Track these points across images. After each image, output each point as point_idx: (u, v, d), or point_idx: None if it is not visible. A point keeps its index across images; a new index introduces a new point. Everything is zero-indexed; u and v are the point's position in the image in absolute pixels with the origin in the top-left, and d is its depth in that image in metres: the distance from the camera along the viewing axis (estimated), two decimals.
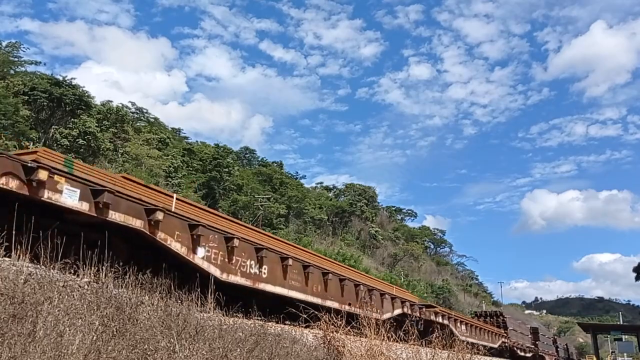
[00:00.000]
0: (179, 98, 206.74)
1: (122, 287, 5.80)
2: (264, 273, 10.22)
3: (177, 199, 9.11)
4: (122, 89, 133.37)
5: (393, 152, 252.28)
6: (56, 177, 6.51)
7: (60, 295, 4.53)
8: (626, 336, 63.45)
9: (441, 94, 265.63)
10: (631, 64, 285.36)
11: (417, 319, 17.17)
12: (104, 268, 6.00)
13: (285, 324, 9.73)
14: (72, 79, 45.74)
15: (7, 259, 5.09)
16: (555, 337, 53.43)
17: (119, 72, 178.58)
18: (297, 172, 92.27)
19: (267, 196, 58.86)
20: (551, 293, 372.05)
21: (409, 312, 16.75)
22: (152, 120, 62.28)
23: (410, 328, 10.22)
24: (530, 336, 36.71)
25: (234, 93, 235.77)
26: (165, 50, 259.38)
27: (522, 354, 32.46)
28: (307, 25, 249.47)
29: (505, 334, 29.59)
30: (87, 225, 7.40)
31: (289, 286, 10.96)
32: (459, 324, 21.55)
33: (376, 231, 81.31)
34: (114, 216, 7.23)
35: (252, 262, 9.94)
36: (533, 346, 36.01)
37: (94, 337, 4.22)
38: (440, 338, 9.90)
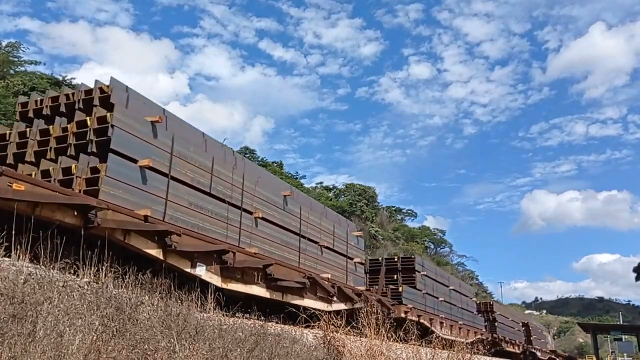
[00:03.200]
0: (181, 100, 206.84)
1: (122, 287, 5.79)
2: None
3: None
4: None
5: (393, 152, 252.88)
6: None
7: (60, 295, 4.52)
8: (626, 336, 63.45)
9: (441, 94, 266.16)
10: (629, 66, 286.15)
11: None
12: (103, 268, 5.99)
13: (285, 324, 9.72)
14: (72, 78, 45.78)
15: (7, 259, 5.08)
16: (486, 302, 36.05)
17: (121, 73, 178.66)
18: (297, 172, 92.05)
19: None
20: (551, 293, 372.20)
21: None
22: None
23: None
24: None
25: (233, 93, 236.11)
26: (169, 52, 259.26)
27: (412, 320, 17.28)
28: (307, 24, 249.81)
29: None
30: None
31: None
32: None
33: (376, 231, 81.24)
34: None
35: None
36: (423, 312, 20.13)
37: (94, 337, 4.21)
38: None
